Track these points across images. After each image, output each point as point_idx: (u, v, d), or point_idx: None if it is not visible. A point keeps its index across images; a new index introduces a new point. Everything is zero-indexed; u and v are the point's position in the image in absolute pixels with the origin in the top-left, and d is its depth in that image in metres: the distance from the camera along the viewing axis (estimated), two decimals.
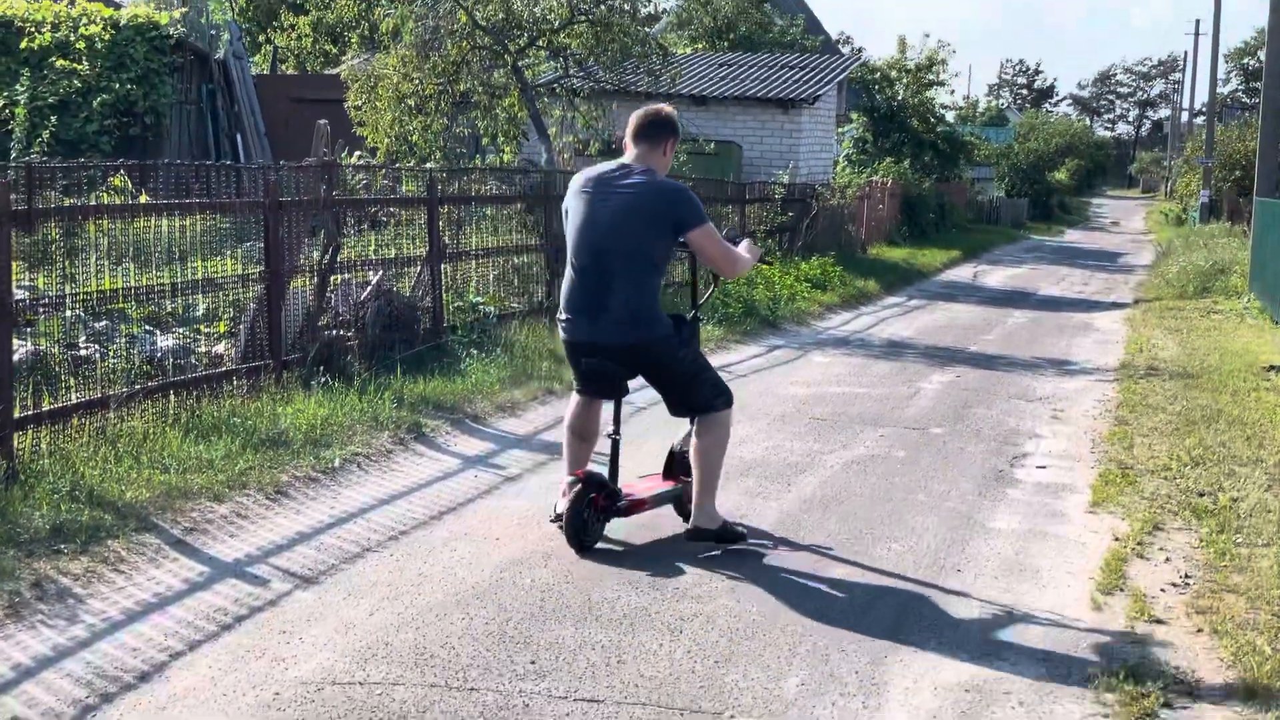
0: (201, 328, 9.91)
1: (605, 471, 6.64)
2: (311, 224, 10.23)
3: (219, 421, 8.17)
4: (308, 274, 9.96)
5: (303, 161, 10.20)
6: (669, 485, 6.98)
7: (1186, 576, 6.40)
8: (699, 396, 6.58)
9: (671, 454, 7.05)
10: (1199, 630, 5.68)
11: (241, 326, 9.44)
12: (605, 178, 6.47)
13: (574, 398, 6.79)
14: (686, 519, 6.79)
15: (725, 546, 6.57)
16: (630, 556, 6.50)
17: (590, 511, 6.48)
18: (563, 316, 6.56)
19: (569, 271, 6.52)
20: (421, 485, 7.83)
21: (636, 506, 6.75)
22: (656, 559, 6.46)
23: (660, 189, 6.41)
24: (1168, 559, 6.71)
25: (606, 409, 6.79)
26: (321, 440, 8.26)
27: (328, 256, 9.96)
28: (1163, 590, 6.21)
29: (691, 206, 6.44)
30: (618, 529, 6.72)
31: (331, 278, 10.14)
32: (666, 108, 6.70)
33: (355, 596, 5.86)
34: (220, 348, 9.59)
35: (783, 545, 6.76)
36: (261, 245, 9.70)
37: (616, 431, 6.70)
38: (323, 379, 9.41)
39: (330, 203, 10.25)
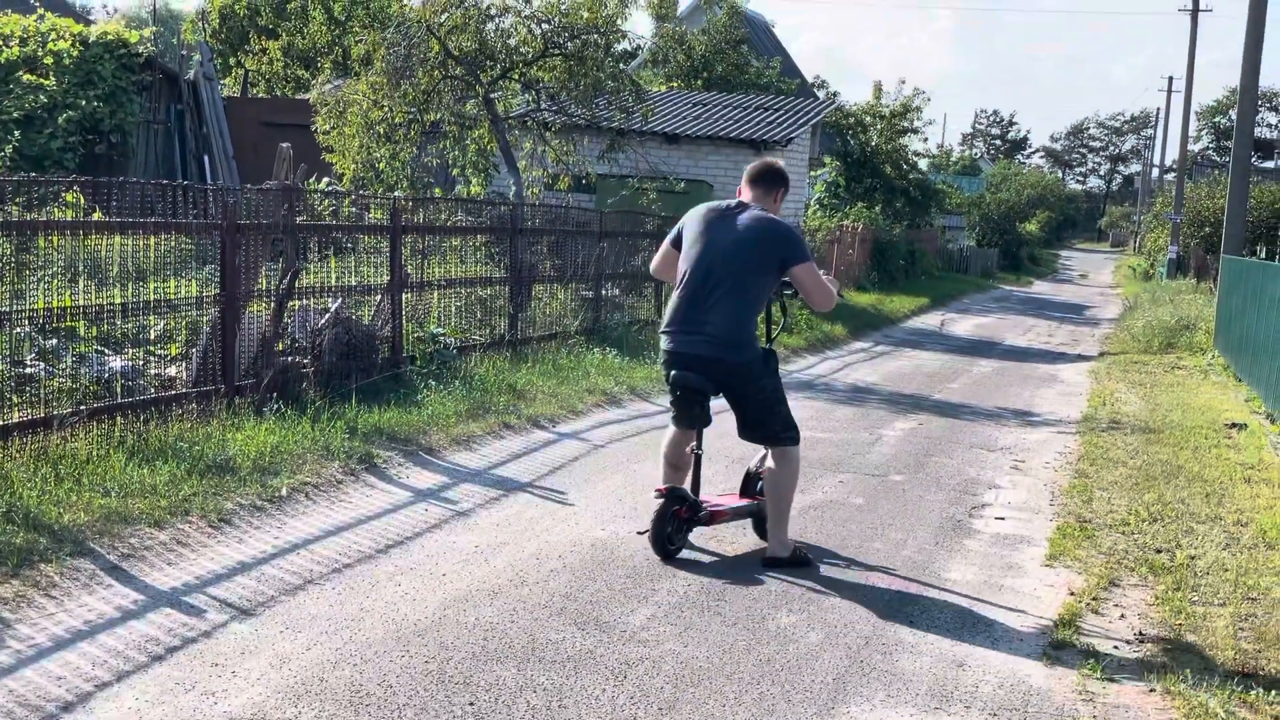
0: (154, 349, 9.74)
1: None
2: (276, 248, 10.08)
3: (166, 446, 8.01)
4: (265, 298, 9.82)
5: (263, 185, 10.05)
6: (746, 502, 7.69)
7: (1141, 634, 6.31)
8: (771, 426, 7.18)
9: (748, 474, 7.80)
10: (1151, 690, 5.58)
11: (194, 350, 9.28)
12: (727, 211, 7.14)
13: (669, 430, 7.35)
14: (762, 535, 7.52)
15: (796, 569, 7.10)
16: (578, 596, 6.37)
17: (675, 523, 7.14)
18: (665, 328, 7.16)
19: (678, 289, 7.11)
20: (369, 517, 7.69)
21: (716, 517, 7.47)
22: (604, 599, 6.34)
23: (774, 227, 7.06)
24: (1123, 615, 6.62)
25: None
26: (270, 468, 8.11)
27: (285, 281, 9.81)
28: (1116, 648, 6.12)
29: (799, 245, 7.11)
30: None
31: (289, 303, 9.99)
32: (779, 162, 7.50)
33: (293, 630, 5.71)
34: (172, 370, 9.43)
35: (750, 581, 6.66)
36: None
37: (699, 447, 7.31)
38: (276, 406, 9.25)
39: (290, 227, 10.11)
